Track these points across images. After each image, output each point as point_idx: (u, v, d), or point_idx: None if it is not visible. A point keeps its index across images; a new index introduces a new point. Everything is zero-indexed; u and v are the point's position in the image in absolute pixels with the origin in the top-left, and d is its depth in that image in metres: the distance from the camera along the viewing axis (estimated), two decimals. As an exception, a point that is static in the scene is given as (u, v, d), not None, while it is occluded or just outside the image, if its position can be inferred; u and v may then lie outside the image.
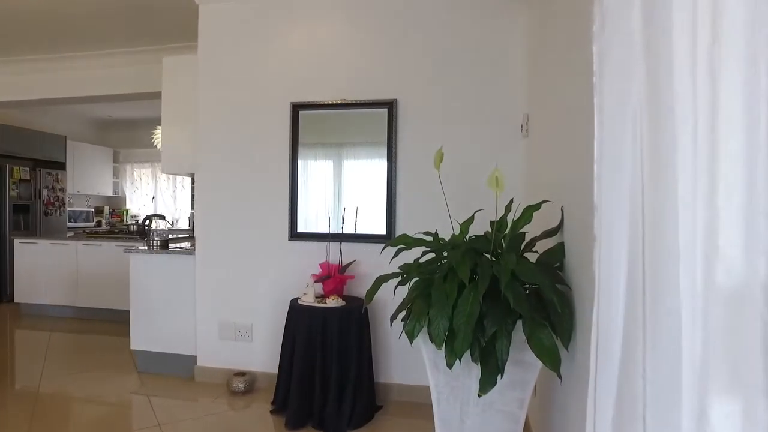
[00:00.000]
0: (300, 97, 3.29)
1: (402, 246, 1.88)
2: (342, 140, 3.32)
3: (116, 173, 9.08)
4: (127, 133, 9.05)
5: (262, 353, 3.36)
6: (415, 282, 1.80)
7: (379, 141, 3.17)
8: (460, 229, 1.86)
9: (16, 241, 5.75)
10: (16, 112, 6.96)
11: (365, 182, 3.29)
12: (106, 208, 8.98)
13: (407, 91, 3.13)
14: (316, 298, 2.97)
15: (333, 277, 3.03)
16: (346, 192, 3.30)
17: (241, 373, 3.30)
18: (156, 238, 3.75)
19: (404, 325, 1.71)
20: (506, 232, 1.82)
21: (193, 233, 4.04)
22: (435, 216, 2.81)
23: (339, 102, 3.20)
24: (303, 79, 3.30)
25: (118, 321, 5.05)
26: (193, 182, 5.12)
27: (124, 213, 9.12)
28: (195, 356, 3.52)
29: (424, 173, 3.07)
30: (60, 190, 7.26)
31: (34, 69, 5.35)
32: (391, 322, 1.85)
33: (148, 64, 4.59)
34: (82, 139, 8.17)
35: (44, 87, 5.30)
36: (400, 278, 1.87)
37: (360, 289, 3.17)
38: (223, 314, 3.45)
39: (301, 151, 3.31)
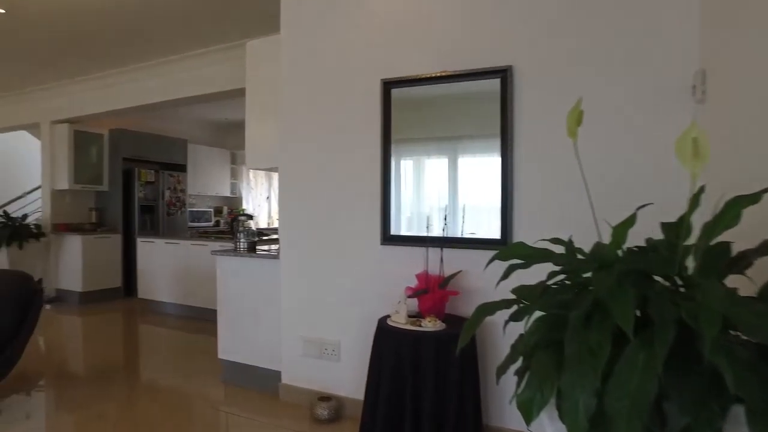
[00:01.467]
0: (391, 72, 2.74)
1: (515, 264, 1.22)
2: (442, 123, 2.70)
3: (233, 174, 9.37)
4: (243, 134, 9.28)
5: (350, 376, 2.87)
6: (536, 321, 1.14)
7: (490, 121, 2.50)
8: (613, 235, 1.16)
9: (138, 240, 6.00)
10: (142, 119, 7.37)
11: (473, 172, 2.65)
12: (225, 209, 9.31)
13: (526, 54, 2.42)
14: (410, 317, 2.40)
15: (432, 291, 2.44)
16: (448, 185, 2.68)
17: (326, 398, 2.85)
18: (243, 240, 3.46)
19: (517, 388, 1.07)
20: (695, 241, 1.09)
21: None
22: (569, 216, 2.11)
23: (439, 74, 2.59)
24: (394, 50, 2.75)
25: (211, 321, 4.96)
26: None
27: (240, 213, 9.38)
28: (280, 372, 3.15)
29: (552, 158, 2.36)
30: (181, 191, 7.57)
31: (133, 78, 5.54)
32: (498, 377, 1.21)
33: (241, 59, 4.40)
34: (202, 142, 8.50)
35: (145, 93, 5.46)
36: (513, 308, 1.22)
37: (466, 308, 2.53)
38: (308, 328, 3.03)
39: (393, 138, 2.76)
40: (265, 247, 3.61)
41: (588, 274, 1.13)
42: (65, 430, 2.86)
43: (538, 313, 1.18)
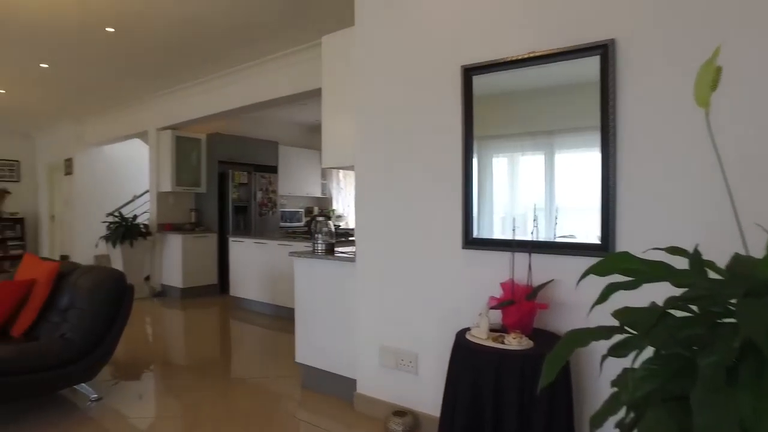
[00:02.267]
0: (472, 57, 2.46)
1: (618, 283, 0.92)
2: (536, 117, 2.37)
3: (324, 175, 9.50)
4: (333, 136, 9.39)
5: (428, 391, 2.63)
6: (649, 362, 0.83)
7: (587, 108, 2.13)
8: (769, 247, 0.81)
9: (230, 239, 6.22)
10: (236, 123, 7.67)
11: (570, 169, 2.29)
12: (315, 209, 9.46)
13: (630, 22, 2.02)
14: (492, 332, 2.11)
15: (518, 303, 2.13)
16: (545, 184, 2.35)
17: (401, 413, 2.64)
18: (320, 242, 3.36)
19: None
20: None
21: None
22: (693, 216, 1.72)
23: (526, 56, 2.27)
24: (474, 33, 2.46)
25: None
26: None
27: (331, 213, 9.49)
28: (355, 381, 3.00)
29: (666, 145, 1.95)
30: (272, 191, 7.78)
31: (225, 83, 5.73)
32: (593, 428, 0.91)
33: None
34: (292, 143, 8.69)
35: (237, 97, 5.63)
36: (614, 338, 0.93)
37: (557, 323, 2.20)
38: (384, 337, 2.84)
39: (482, 134, 2.48)
40: (348, 249, 3.48)
41: (730, 301, 0.80)
42: (170, 411, 3.15)
43: (650, 349, 0.87)
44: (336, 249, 3.42)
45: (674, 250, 0.98)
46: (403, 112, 2.76)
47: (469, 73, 2.46)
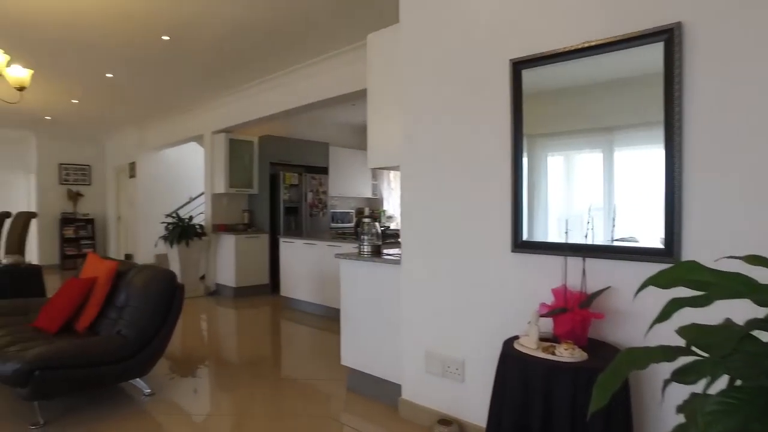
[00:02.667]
0: (521, 50, 2.32)
1: (683, 298, 0.79)
2: (587, 109, 2.21)
3: (374, 175, 9.48)
4: (383, 136, 9.37)
5: (475, 400, 2.52)
6: (724, 395, 0.71)
7: (650, 101, 1.96)
8: None
9: (280, 240, 6.30)
10: (287, 125, 7.79)
11: (627, 163, 2.12)
12: (366, 210, 9.46)
13: (701, 5, 1.83)
14: (542, 341, 1.98)
15: (571, 311, 1.99)
16: (603, 184, 2.19)
17: (446, 421, 2.54)
18: (366, 243, 3.31)
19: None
20: None
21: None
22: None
23: (580, 47, 2.11)
24: (523, 25, 2.33)
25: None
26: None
27: (381, 214, 9.46)
28: (400, 386, 2.92)
29: (745, 139, 1.75)
30: (323, 192, 7.84)
31: (275, 86, 5.80)
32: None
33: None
34: (343, 144, 8.73)
35: (287, 99, 5.69)
36: (678, 361, 0.80)
37: (615, 334, 2.03)
38: (430, 342, 2.75)
39: (535, 133, 2.34)
40: (396, 251, 3.42)
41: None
42: (221, 408, 3.22)
43: (725, 377, 0.74)
44: (385, 251, 3.35)
45: (755, 260, 0.84)
46: (448, 109, 2.66)
47: (517, 67, 2.33)
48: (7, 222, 7.09)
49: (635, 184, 2.07)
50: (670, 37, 1.86)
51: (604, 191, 2.16)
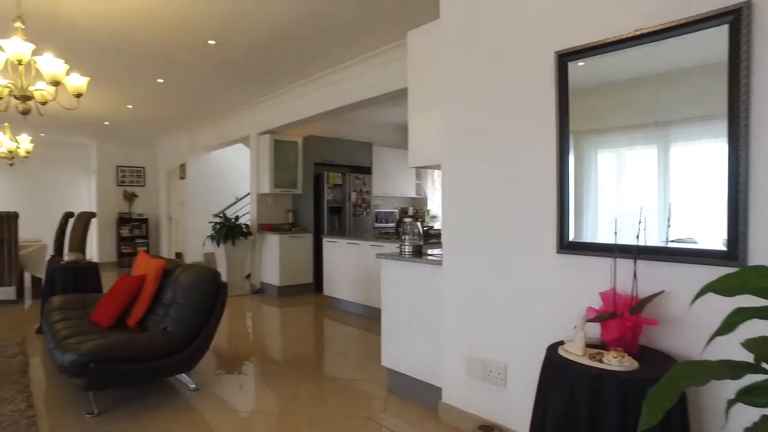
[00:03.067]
0: (567, 42, 2.21)
1: (748, 312, 0.71)
2: (640, 103, 2.08)
3: (418, 175, 9.42)
4: (426, 135, 9.30)
5: (517, 406, 2.43)
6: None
7: (710, 92, 1.82)
8: None
9: (324, 240, 6.35)
10: (331, 125, 7.85)
11: (684, 159, 1.98)
12: (410, 209, 9.41)
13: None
14: (589, 347, 1.87)
15: (620, 317, 1.87)
16: (657, 181, 2.06)
17: (488, 427, 2.47)
18: (407, 243, 3.26)
19: None
20: None
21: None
22: None
23: (631, 35, 1.99)
24: (570, 14, 2.22)
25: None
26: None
27: (425, 214, 9.39)
28: (440, 389, 2.86)
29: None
30: (366, 192, 7.85)
31: (318, 86, 5.85)
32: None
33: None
34: (386, 144, 8.72)
35: (330, 99, 5.72)
36: (744, 379, 0.71)
37: (671, 342, 1.90)
38: (471, 345, 2.68)
39: (583, 129, 2.24)
40: (438, 251, 3.36)
41: None
42: (263, 405, 3.25)
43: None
44: (429, 250, 3.30)
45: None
46: (490, 105, 2.58)
47: (563, 59, 2.23)
48: (71, 222, 7.49)
49: (693, 181, 1.93)
50: (736, 18, 1.72)
51: (658, 189, 2.03)
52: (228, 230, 6.80)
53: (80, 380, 2.79)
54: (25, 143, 6.59)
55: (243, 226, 7.01)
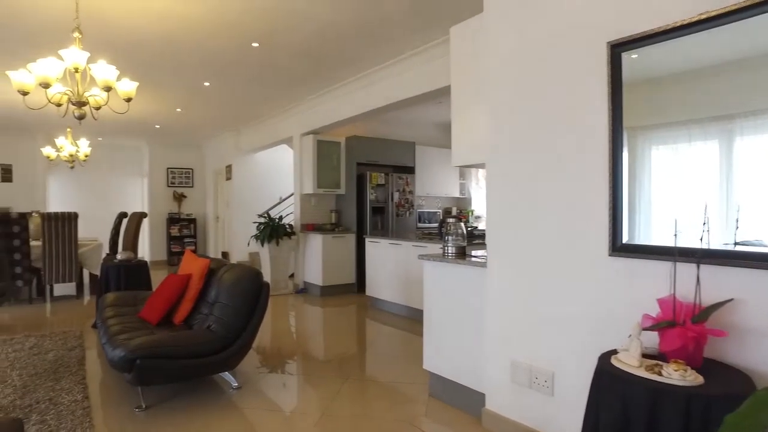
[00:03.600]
0: (620, 30, 2.08)
1: None
2: (700, 95, 1.92)
3: (462, 174, 9.28)
4: (470, 134, 9.15)
5: (565, 416, 2.31)
6: None
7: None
8: None
9: (366, 240, 6.34)
10: (373, 125, 7.85)
11: (752, 154, 1.81)
12: (454, 209, 9.29)
13: None
14: (645, 358, 1.74)
15: (681, 326, 1.73)
16: (708, 176, 1.90)
17: (535, 439, 2.35)
18: (450, 244, 3.18)
19: None
20: None
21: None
22: None
23: (695, 19, 1.83)
24: (623, 1, 2.08)
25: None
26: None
27: (469, 214, 9.24)
28: (484, 395, 2.76)
29: None
30: (409, 192, 7.79)
31: (361, 86, 5.84)
32: None
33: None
34: (429, 143, 8.63)
35: (372, 99, 5.71)
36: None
37: (742, 355, 1.73)
38: (516, 350, 2.57)
39: (626, 121, 2.10)
40: (480, 253, 3.27)
41: None
42: (305, 405, 3.25)
43: None
44: (473, 252, 3.21)
45: None
46: (538, 100, 2.46)
47: (616, 50, 2.09)
48: (124, 222, 7.81)
49: (762, 178, 1.76)
50: (812, 0, 1.55)
51: (720, 187, 1.87)
52: (272, 230, 6.90)
53: (129, 375, 2.88)
54: (84, 147, 6.92)
55: (286, 226, 7.10)
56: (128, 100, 3.54)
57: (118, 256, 5.14)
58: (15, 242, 6.25)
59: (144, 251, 10.99)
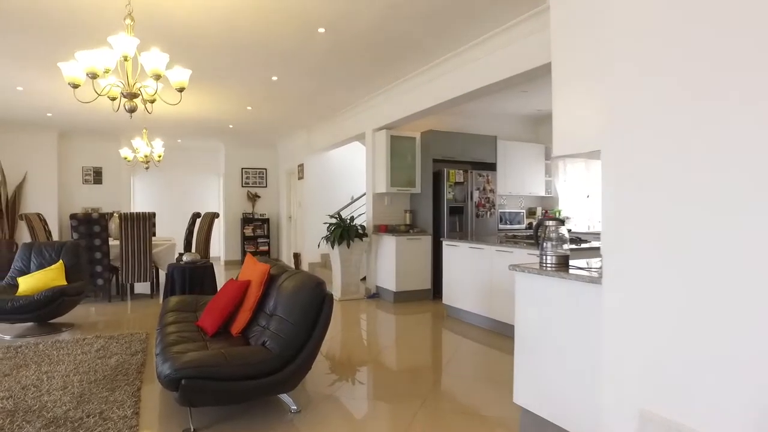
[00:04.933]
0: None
1: None
2: None
3: (548, 171, 8.45)
4: (558, 127, 8.30)
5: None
6: None
7: None
8: None
9: (444, 243, 5.77)
10: (450, 119, 7.26)
11: None
12: (539, 209, 8.48)
13: None
14: None
15: None
16: None
17: None
18: (550, 253, 2.56)
19: None
20: None
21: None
22: None
23: None
24: None
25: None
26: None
27: (556, 214, 8.38)
28: (600, 451, 2.12)
29: None
30: (490, 191, 7.12)
31: (433, 76, 5.27)
32: None
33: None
34: (512, 137, 7.90)
35: (449, 89, 5.14)
36: None
37: None
38: (647, 397, 1.91)
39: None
40: (581, 262, 2.61)
41: None
42: (381, 427, 2.87)
43: None
44: (570, 261, 2.58)
45: None
46: (689, 66, 1.78)
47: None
48: (198, 222, 7.82)
49: None
50: None
51: None
52: (343, 231, 6.52)
53: (176, 394, 2.54)
54: (158, 148, 6.93)
55: (358, 227, 6.69)
56: (181, 90, 3.24)
57: (184, 258, 4.97)
58: (96, 241, 6.34)
59: (219, 251, 11.14)
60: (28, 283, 4.78)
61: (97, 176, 9.93)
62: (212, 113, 7.64)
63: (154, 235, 7.99)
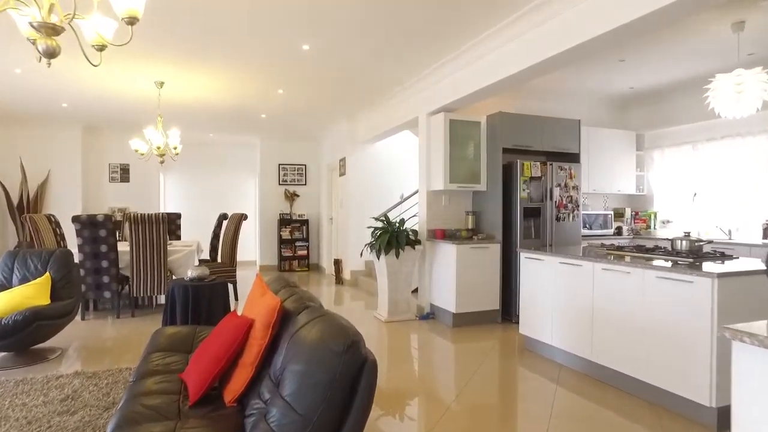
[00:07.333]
0: None
1: None
2: None
3: (639, 164, 6.94)
4: (653, 107, 6.78)
5: None
6: None
7: None
8: None
9: (522, 255, 4.44)
10: (523, 99, 5.94)
11: None
12: (627, 211, 6.99)
13: None
14: None
15: None
16: None
17: None
18: None
19: None
20: None
21: None
22: None
23: None
24: None
25: (641, 402, 3.01)
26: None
27: (651, 217, 6.87)
28: None
29: None
30: (573, 188, 5.72)
31: (499, 43, 3.87)
32: None
33: None
34: (597, 122, 6.47)
35: (512, 59, 3.72)
36: None
37: None
38: None
39: None
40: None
41: None
42: None
43: None
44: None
45: None
46: None
47: None
48: (224, 224, 6.85)
49: None
50: None
51: None
52: (390, 237, 5.31)
53: None
54: (174, 139, 5.92)
55: (409, 232, 5.46)
56: (131, 22, 2.12)
57: (189, 273, 3.89)
58: (102, 247, 5.42)
59: (254, 255, 10.18)
60: (2, 302, 3.85)
61: (124, 173, 9.18)
62: (239, 98, 6.61)
63: (179, 238, 7.07)
